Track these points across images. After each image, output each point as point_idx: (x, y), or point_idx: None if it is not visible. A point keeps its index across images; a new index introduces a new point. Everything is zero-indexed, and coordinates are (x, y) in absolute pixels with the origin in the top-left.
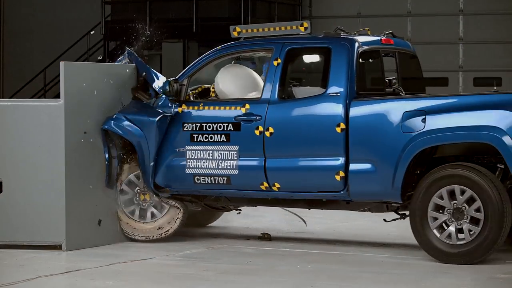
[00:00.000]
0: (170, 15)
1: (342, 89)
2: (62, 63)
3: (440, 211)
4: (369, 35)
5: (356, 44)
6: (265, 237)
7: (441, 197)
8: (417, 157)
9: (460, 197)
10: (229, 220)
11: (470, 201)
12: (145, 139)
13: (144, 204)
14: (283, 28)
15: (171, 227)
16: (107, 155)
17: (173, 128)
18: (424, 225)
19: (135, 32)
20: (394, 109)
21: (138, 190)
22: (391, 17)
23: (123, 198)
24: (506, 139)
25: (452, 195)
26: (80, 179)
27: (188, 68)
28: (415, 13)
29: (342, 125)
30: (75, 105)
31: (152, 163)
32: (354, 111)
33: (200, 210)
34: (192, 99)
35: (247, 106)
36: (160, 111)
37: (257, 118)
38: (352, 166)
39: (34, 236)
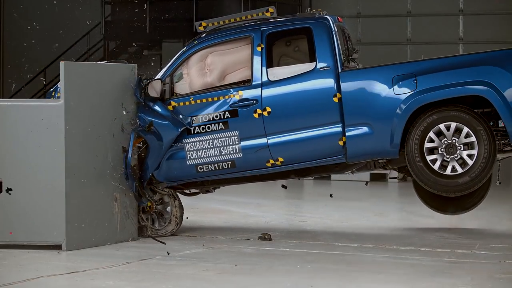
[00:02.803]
0: (170, 15)
1: (331, 63)
2: (62, 63)
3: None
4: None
5: (332, 22)
6: (266, 238)
7: (439, 132)
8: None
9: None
10: (229, 220)
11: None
12: (162, 143)
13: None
14: (249, 17)
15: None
16: (130, 154)
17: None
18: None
19: (134, 32)
20: (383, 76)
21: None
22: (391, 17)
23: None
24: (495, 90)
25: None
26: (80, 179)
27: (169, 67)
28: (415, 13)
29: (339, 95)
30: (75, 105)
31: (156, 163)
32: (346, 83)
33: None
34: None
35: (241, 92)
36: (182, 122)
37: (254, 102)
38: (349, 132)
39: (34, 236)
